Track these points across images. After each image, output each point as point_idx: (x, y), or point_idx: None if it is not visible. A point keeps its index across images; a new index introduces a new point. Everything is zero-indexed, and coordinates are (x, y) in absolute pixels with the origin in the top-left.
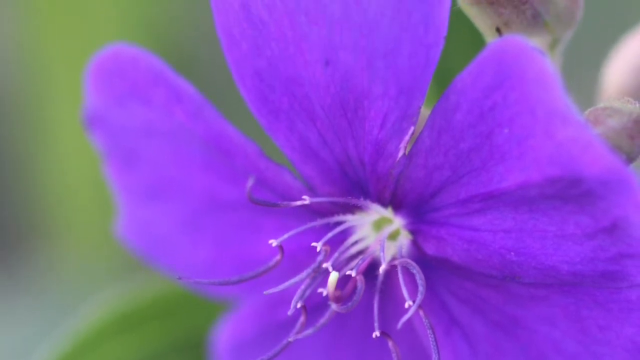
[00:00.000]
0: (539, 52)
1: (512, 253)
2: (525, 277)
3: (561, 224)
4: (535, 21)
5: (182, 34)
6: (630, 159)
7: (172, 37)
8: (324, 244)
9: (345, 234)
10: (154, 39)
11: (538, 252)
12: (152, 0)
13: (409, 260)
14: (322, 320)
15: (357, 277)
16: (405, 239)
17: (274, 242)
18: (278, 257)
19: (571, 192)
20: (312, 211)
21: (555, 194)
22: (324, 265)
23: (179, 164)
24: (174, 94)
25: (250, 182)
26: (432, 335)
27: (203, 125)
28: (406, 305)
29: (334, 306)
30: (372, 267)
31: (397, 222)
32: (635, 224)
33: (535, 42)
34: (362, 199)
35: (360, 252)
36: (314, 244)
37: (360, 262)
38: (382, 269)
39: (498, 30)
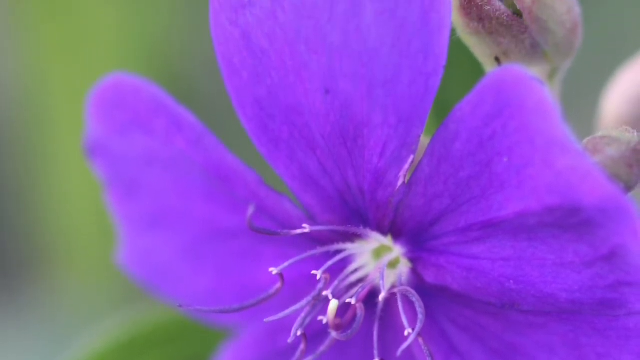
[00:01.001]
0: (538, 82)
1: (511, 281)
2: (524, 305)
3: (560, 252)
4: (534, 51)
5: (182, 62)
6: (628, 188)
7: (173, 65)
8: (324, 272)
9: (345, 262)
10: (155, 67)
11: (537, 280)
12: (153, 29)
13: (409, 288)
14: (322, 348)
15: (357, 305)
16: (404, 267)
17: (274, 270)
18: (278, 285)
19: (570, 220)
20: (312, 239)
21: (554, 222)
22: (324, 293)
23: (179, 192)
24: (175, 123)
25: (250, 211)
26: None
27: (203, 154)
28: (406, 333)
29: (333, 334)
30: (371, 294)
31: (397, 250)
32: (633, 252)
33: (534, 71)
34: (361, 227)
35: (360, 280)
36: (314, 272)
37: (360, 290)
38: (381, 296)
39: (497, 59)
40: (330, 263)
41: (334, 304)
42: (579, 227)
